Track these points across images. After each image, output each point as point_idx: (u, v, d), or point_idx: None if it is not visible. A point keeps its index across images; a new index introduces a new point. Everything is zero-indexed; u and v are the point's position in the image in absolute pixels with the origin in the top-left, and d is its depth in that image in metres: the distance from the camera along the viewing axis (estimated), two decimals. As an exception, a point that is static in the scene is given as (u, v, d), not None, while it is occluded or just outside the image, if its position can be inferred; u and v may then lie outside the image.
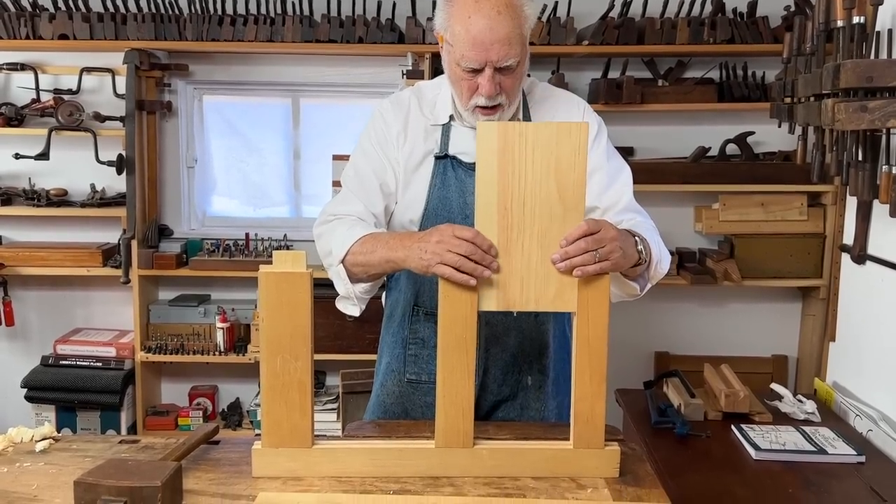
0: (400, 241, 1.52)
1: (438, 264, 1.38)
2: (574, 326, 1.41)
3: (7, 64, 3.57)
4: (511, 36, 1.57)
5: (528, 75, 1.81)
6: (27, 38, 3.38)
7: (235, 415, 3.74)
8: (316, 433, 1.45)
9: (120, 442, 1.63)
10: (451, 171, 1.75)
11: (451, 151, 1.76)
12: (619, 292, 1.64)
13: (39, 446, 1.58)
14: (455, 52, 1.62)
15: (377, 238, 1.59)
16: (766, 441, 2.29)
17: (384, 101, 1.86)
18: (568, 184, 1.36)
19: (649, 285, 1.69)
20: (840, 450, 2.25)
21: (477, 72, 1.61)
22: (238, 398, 3.85)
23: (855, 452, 2.23)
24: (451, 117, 1.77)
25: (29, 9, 3.43)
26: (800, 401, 2.63)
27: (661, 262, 1.67)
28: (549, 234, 1.37)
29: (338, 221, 1.69)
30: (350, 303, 1.69)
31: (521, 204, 1.37)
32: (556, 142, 1.36)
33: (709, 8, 3.34)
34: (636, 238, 1.56)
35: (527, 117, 1.79)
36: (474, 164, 1.72)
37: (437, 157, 1.76)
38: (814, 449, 2.25)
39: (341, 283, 1.66)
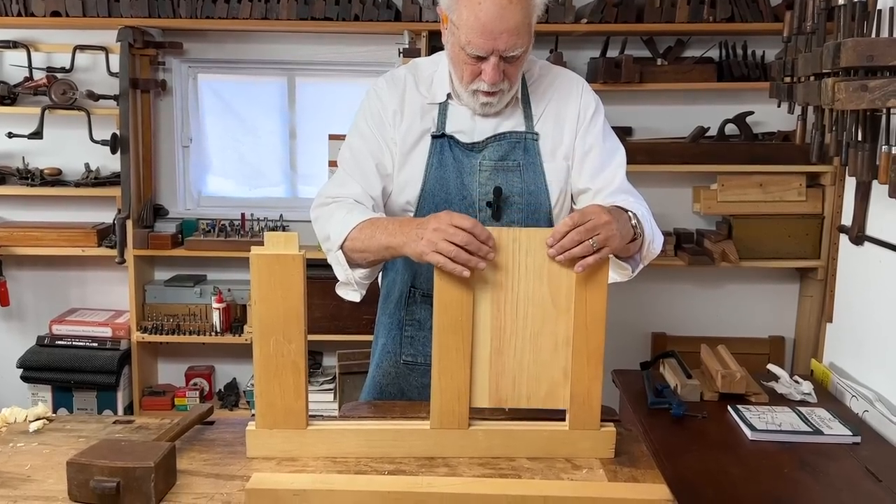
0: (399, 226, 1.50)
1: (433, 252, 1.36)
2: (573, 309, 1.40)
3: (-1, 41, 3.54)
4: (520, 25, 1.55)
5: None
6: (19, 14, 3.34)
7: (232, 395, 3.74)
8: (312, 413, 1.44)
9: (114, 422, 1.62)
10: (449, 150, 1.73)
11: (448, 130, 1.74)
12: (612, 274, 1.62)
13: (33, 426, 1.58)
14: (460, 37, 1.58)
15: (376, 224, 1.56)
16: (763, 422, 2.29)
17: (379, 78, 1.82)
18: (560, 287, 1.39)
19: (641, 265, 1.69)
20: (836, 430, 2.25)
21: (482, 58, 1.59)
22: (234, 378, 3.85)
23: (851, 433, 2.23)
24: (449, 96, 1.75)
25: (21, -15, 3.39)
26: (796, 381, 2.63)
27: (654, 241, 1.67)
28: (541, 336, 1.40)
29: (336, 205, 1.66)
30: (350, 288, 1.67)
31: (515, 306, 1.39)
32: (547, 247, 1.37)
33: (709, -14, 3.31)
34: (629, 213, 1.55)
35: (525, 96, 1.76)
36: (472, 144, 1.72)
37: (434, 137, 1.74)
38: (810, 430, 2.25)
39: (340, 269, 1.63)
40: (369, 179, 1.72)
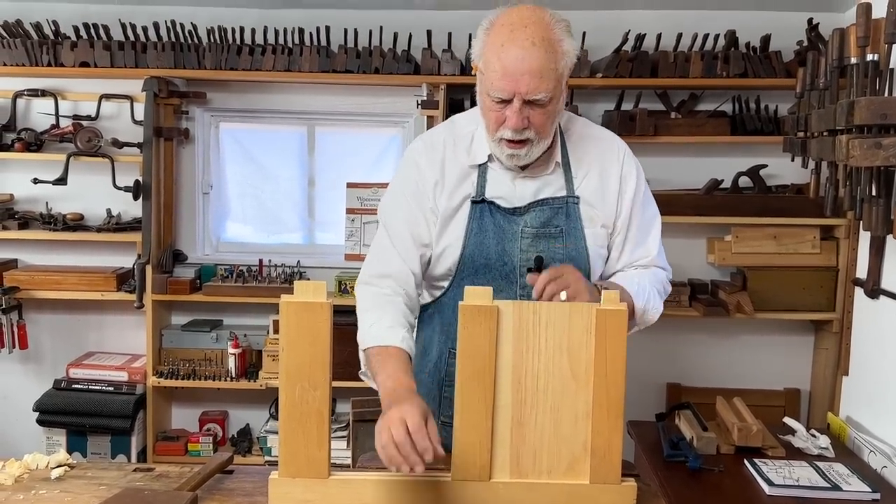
0: (387, 389, 1.52)
1: (379, 433, 1.39)
2: (593, 361, 1.42)
3: (28, 90, 3.62)
4: (543, 69, 1.54)
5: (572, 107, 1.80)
6: (49, 65, 3.44)
7: (245, 441, 3.73)
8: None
9: (135, 470, 1.64)
10: (489, 215, 1.71)
11: (488, 195, 1.72)
12: None
13: (55, 473, 1.59)
14: (486, 81, 1.60)
15: (384, 362, 1.58)
16: (780, 476, 2.28)
17: (416, 143, 1.82)
18: (580, 360, 1.41)
19: (636, 328, 1.76)
20: (854, 486, 2.23)
21: (505, 103, 1.58)
22: (248, 424, 3.85)
23: (870, 489, 2.22)
24: (490, 157, 1.73)
25: (51, 37, 3.49)
26: (813, 435, 2.61)
27: (647, 312, 1.73)
28: (561, 409, 1.42)
29: (372, 297, 1.71)
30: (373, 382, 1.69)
31: (535, 379, 1.42)
32: (567, 321, 1.41)
33: (722, 42, 3.37)
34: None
35: (564, 155, 1.75)
36: (514, 209, 1.71)
37: (474, 202, 1.72)
38: (828, 485, 2.23)
39: (363, 364, 1.71)
40: (409, 252, 1.74)
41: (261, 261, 3.68)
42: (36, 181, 3.55)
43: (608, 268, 1.83)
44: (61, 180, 3.51)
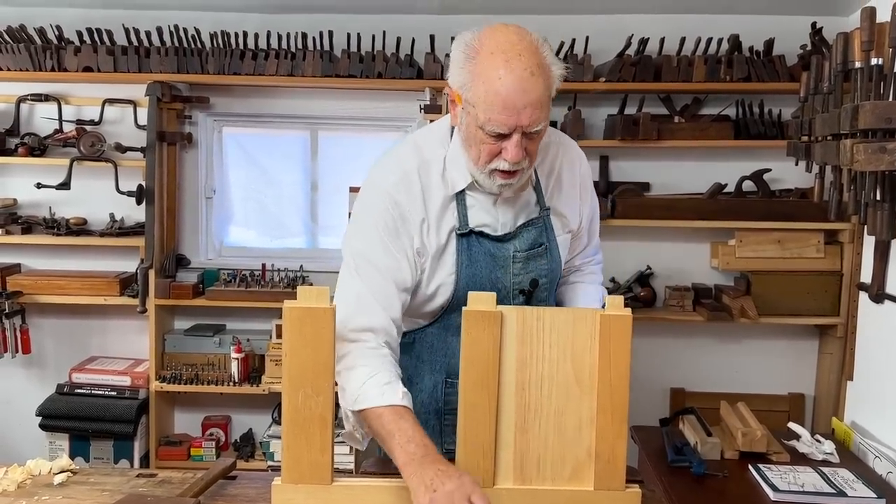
0: (415, 456, 1.37)
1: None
2: (597, 367, 1.41)
3: (32, 95, 3.63)
4: (542, 99, 1.47)
5: None
6: (52, 70, 3.45)
7: (248, 446, 3.73)
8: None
9: (137, 476, 1.63)
10: (478, 245, 1.66)
11: (472, 225, 1.66)
12: None
13: (57, 479, 1.59)
14: (478, 115, 1.49)
15: (398, 425, 1.43)
16: (785, 482, 2.27)
17: (387, 172, 1.66)
18: (584, 366, 1.41)
19: None
20: (860, 492, 2.23)
21: (502, 136, 1.50)
22: (251, 429, 3.84)
23: (875, 495, 2.21)
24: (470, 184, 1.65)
25: (55, 41, 3.50)
26: (818, 440, 2.60)
27: None
28: (565, 415, 1.42)
29: (358, 352, 1.54)
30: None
31: (539, 384, 1.41)
32: (571, 327, 1.40)
33: (725, 46, 3.36)
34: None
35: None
36: (501, 236, 1.67)
37: (460, 235, 1.65)
38: (833, 491, 2.22)
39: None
40: (391, 301, 1.60)
41: (264, 265, 3.68)
42: (39, 186, 3.56)
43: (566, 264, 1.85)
44: (64, 185, 3.51)
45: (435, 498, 1.28)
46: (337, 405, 1.48)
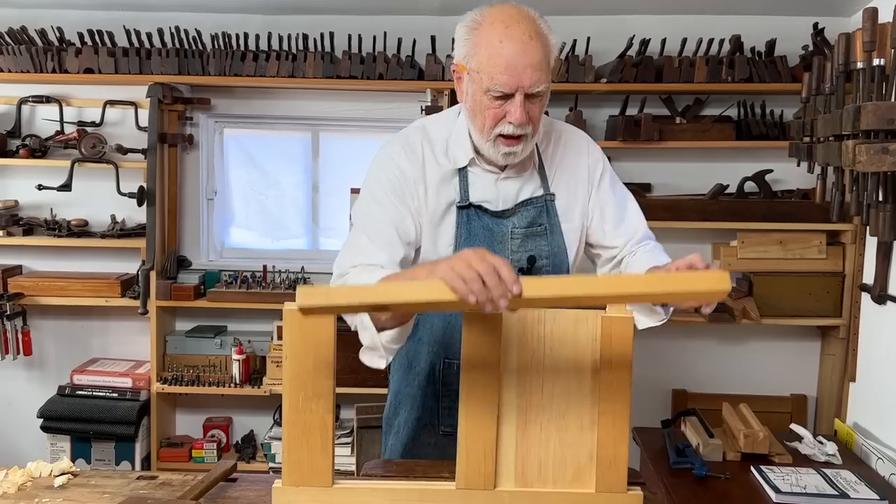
0: (424, 267, 1.37)
1: (448, 270, 1.23)
2: (598, 369, 1.41)
3: (33, 96, 3.63)
4: (541, 62, 1.58)
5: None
6: (53, 71, 3.45)
7: (249, 447, 3.72)
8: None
9: (138, 478, 1.63)
10: (477, 219, 1.71)
11: (473, 200, 1.72)
12: (646, 319, 1.69)
13: (58, 481, 1.59)
14: (483, 79, 1.59)
15: (400, 274, 1.50)
16: (787, 484, 2.26)
17: (392, 144, 1.77)
18: (585, 369, 1.40)
19: (672, 307, 1.72)
20: (862, 494, 2.22)
21: (506, 98, 1.59)
22: (252, 430, 3.84)
23: (878, 497, 2.20)
24: (472, 160, 1.72)
25: (56, 43, 3.50)
26: (820, 442, 2.60)
27: None
28: (567, 418, 1.41)
29: (359, 268, 1.58)
30: (376, 354, 1.56)
31: (540, 387, 1.40)
32: (573, 328, 1.40)
33: (727, 47, 3.36)
34: None
35: (538, 158, 1.77)
36: (501, 211, 1.72)
37: (460, 207, 1.71)
38: (835, 493, 2.22)
39: (366, 333, 1.54)
40: (393, 247, 1.65)
41: (265, 266, 3.68)
42: (40, 187, 3.56)
43: (596, 252, 1.86)
44: (66, 186, 3.51)
45: (452, 261, 1.24)
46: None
